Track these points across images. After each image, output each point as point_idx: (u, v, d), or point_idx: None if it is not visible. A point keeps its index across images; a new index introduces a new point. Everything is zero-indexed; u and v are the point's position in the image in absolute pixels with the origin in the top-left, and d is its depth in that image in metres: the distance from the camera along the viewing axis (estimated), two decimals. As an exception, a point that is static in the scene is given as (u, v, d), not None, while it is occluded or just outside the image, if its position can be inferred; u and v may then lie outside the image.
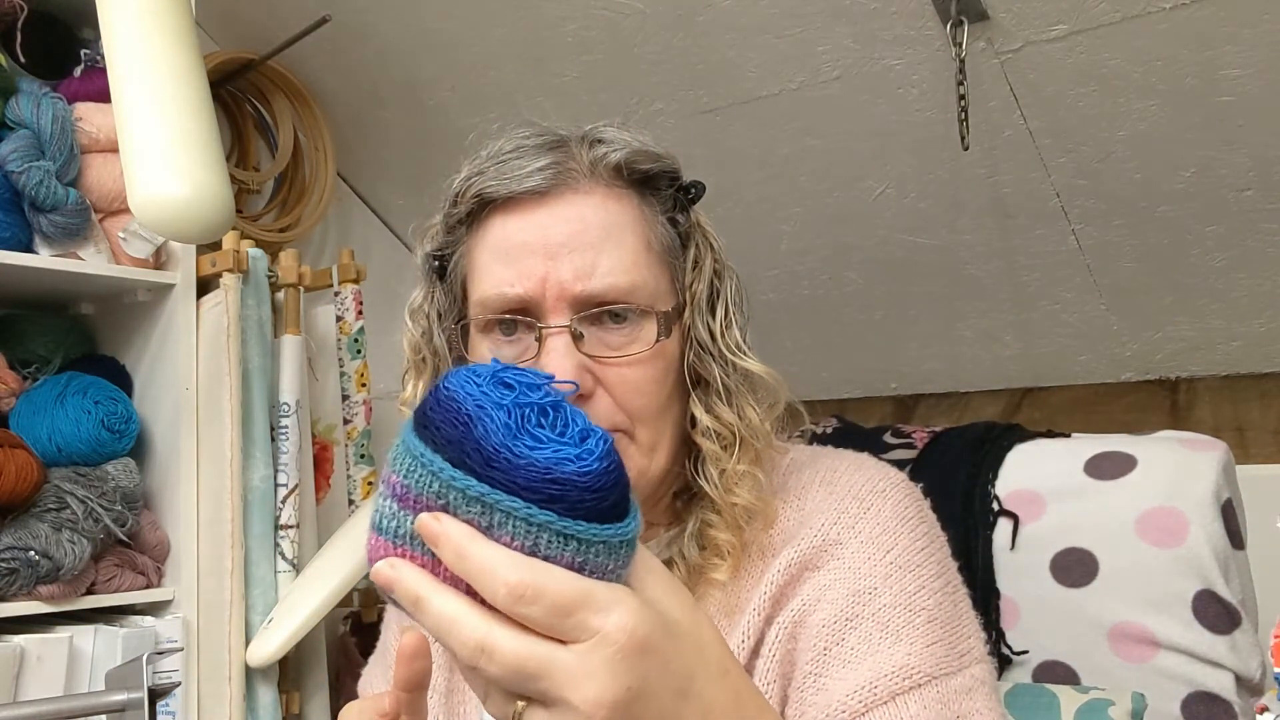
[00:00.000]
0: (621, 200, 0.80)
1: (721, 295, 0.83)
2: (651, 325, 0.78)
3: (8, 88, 1.53)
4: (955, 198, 1.60)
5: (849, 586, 0.77)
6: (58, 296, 1.70)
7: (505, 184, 0.78)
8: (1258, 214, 1.44)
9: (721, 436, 0.80)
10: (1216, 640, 1.06)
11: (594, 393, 0.78)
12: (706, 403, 0.81)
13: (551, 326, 0.76)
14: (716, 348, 0.81)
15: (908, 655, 0.74)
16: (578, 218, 0.77)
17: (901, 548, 0.79)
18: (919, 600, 0.77)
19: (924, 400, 1.94)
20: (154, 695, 1.05)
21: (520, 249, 0.77)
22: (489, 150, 0.83)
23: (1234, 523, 1.10)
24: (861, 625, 0.76)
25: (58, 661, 1.44)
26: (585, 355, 0.77)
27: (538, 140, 0.81)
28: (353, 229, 2.18)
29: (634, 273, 0.78)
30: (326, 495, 1.84)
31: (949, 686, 0.74)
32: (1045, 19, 1.33)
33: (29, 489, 1.43)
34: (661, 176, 0.82)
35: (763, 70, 1.56)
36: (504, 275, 0.78)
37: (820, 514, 0.82)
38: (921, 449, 1.29)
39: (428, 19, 1.75)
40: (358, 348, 1.85)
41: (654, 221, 0.81)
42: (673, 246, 0.82)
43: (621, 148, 0.80)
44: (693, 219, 0.84)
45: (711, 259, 0.83)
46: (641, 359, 0.78)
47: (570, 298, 0.76)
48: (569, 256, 0.76)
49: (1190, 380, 1.68)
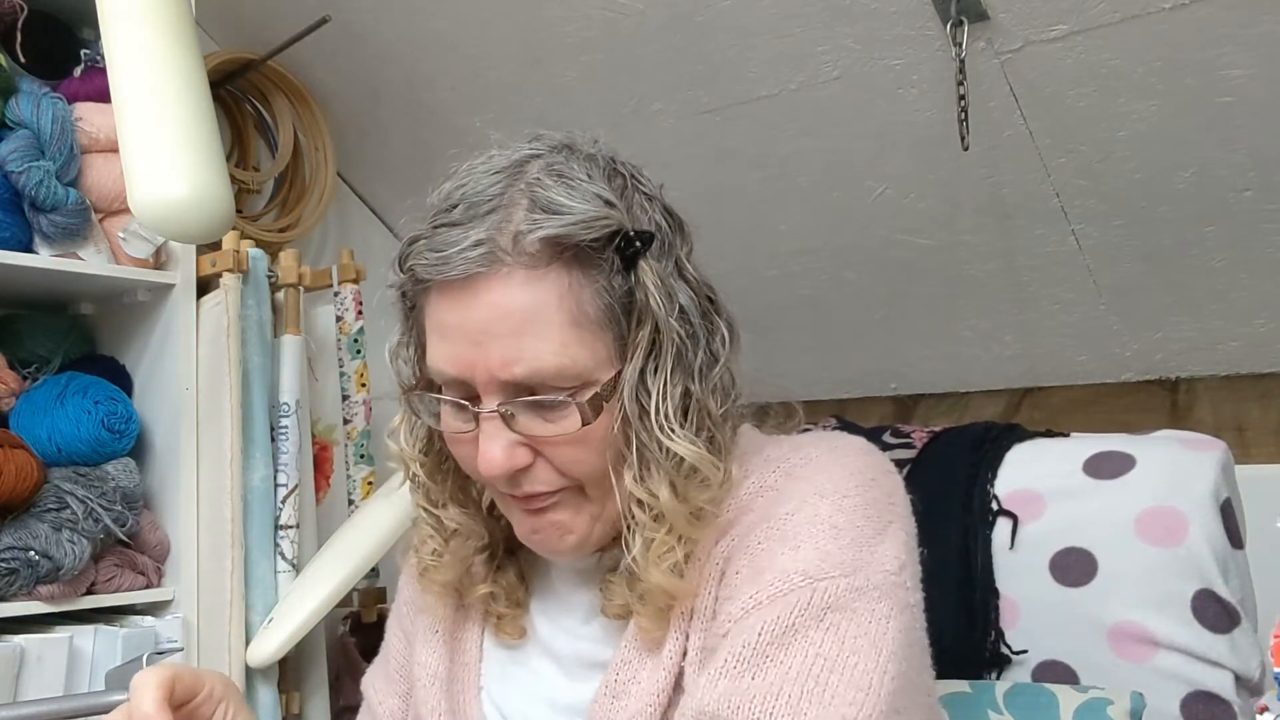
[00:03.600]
0: (545, 279, 0.75)
1: (661, 365, 0.78)
2: (575, 411, 0.76)
3: (8, 88, 1.53)
4: (955, 198, 1.60)
5: (772, 521, 0.79)
6: (58, 296, 1.70)
7: (429, 268, 0.76)
8: (1258, 214, 1.44)
9: (648, 508, 0.78)
10: (1216, 640, 1.05)
11: (534, 462, 0.79)
12: (634, 473, 0.78)
13: (483, 411, 0.77)
14: (645, 422, 0.78)
15: (796, 560, 0.76)
16: (499, 304, 0.75)
17: (835, 482, 0.80)
18: (832, 517, 0.78)
19: (924, 400, 1.94)
20: (154, 695, 1.05)
21: (453, 330, 0.77)
22: (449, 187, 0.80)
23: (1233, 522, 1.10)
24: (769, 543, 0.78)
25: (58, 661, 1.44)
26: (518, 433, 0.77)
27: (487, 193, 0.77)
28: (353, 229, 2.18)
29: (560, 355, 0.75)
30: (326, 495, 1.84)
31: (836, 587, 0.74)
32: (1045, 19, 1.33)
33: (29, 489, 1.43)
34: (598, 241, 0.76)
35: (763, 70, 1.56)
36: (442, 351, 0.78)
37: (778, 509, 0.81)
38: (921, 449, 1.29)
39: (428, 19, 1.75)
40: (358, 348, 1.85)
41: (585, 292, 0.76)
42: (610, 312, 0.77)
43: (548, 222, 0.75)
44: (636, 276, 0.77)
45: (651, 324, 0.77)
46: (573, 438, 0.77)
47: (498, 384, 0.76)
48: (493, 343, 0.75)
49: (1190, 380, 1.68)
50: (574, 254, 0.76)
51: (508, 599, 0.91)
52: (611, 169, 0.81)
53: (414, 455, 0.88)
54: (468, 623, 0.94)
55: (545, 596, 0.92)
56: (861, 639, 0.73)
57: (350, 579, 1.64)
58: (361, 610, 1.84)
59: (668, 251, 0.80)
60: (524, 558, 0.94)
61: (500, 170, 0.79)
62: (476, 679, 0.92)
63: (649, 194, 0.82)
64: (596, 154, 0.82)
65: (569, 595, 0.90)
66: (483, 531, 0.90)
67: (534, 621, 0.91)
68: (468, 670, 0.92)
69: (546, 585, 0.92)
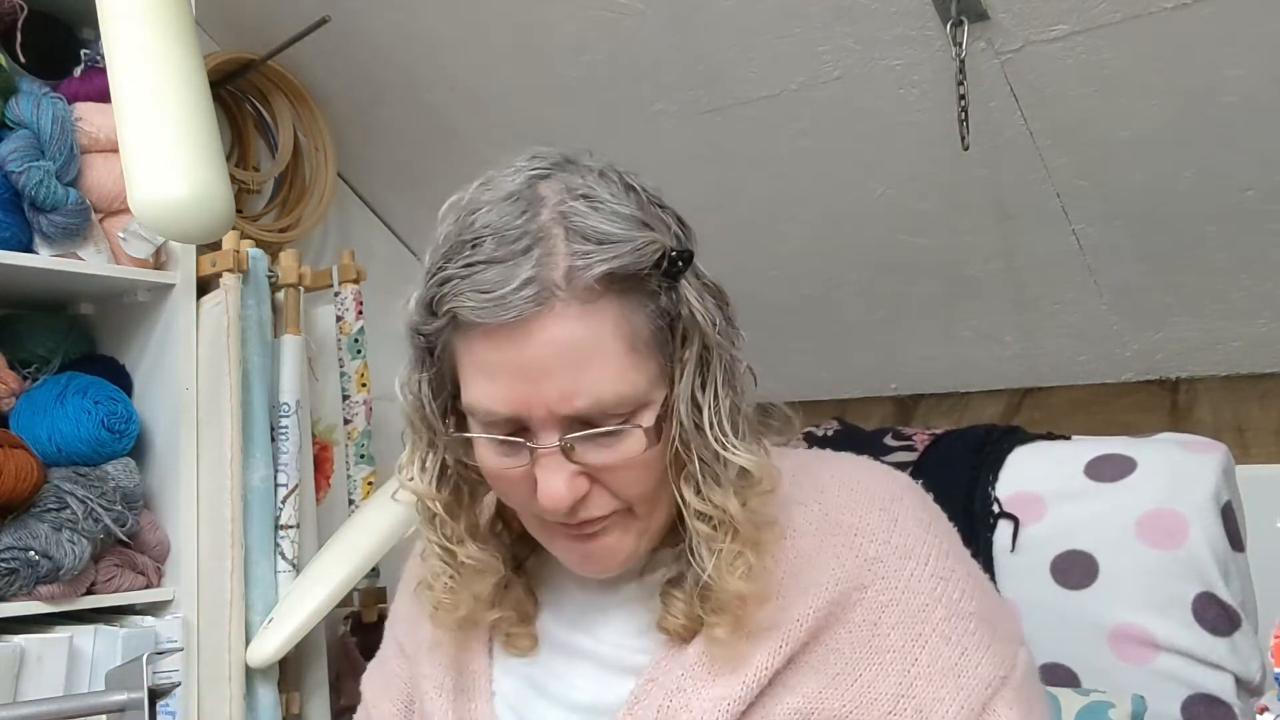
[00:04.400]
0: (601, 311, 0.74)
1: (710, 375, 0.78)
2: (640, 436, 0.76)
3: (8, 88, 1.53)
4: (955, 198, 1.60)
5: (904, 608, 0.82)
6: (58, 296, 1.70)
7: (478, 311, 0.72)
8: (1258, 214, 1.44)
9: (711, 519, 0.79)
10: (1216, 642, 1.06)
11: (590, 490, 0.78)
12: (695, 485, 0.79)
13: (542, 447, 0.76)
14: (702, 436, 0.78)
15: (978, 666, 0.81)
16: (556, 340, 0.73)
17: (935, 556, 0.85)
18: (965, 606, 0.83)
19: (924, 400, 1.94)
20: (154, 695, 1.05)
21: (501, 371, 0.75)
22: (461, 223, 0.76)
23: (1234, 525, 1.10)
24: (928, 643, 0.82)
25: (58, 661, 1.44)
26: (576, 464, 0.77)
27: (512, 226, 0.74)
28: (353, 229, 2.18)
29: (619, 383, 0.75)
30: (326, 495, 1.84)
31: (1016, 680, 0.83)
32: (1045, 19, 1.32)
33: (29, 489, 1.43)
34: (645, 267, 0.75)
35: (763, 70, 1.56)
36: (489, 391, 0.76)
37: (847, 520, 0.85)
38: (922, 451, 1.29)
39: (427, 19, 1.74)
40: (358, 348, 1.85)
41: (637, 317, 0.75)
42: (660, 334, 0.77)
43: (600, 254, 0.73)
44: (680, 294, 0.77)
45: (699, 338, 0.78)
46: (633, 463, 0.77)
47: (557, 418, 0.75)
48: (551, 380, 0.74)
49: (1190, 380, 1.68)
50: (625, 283, 0.75)
51: (517, 617, 0.90)
52: (624, 184, 0.79)
53: (432, 492, 0.85)
54: (475, 630, 0.93)
55: (558, 603, 0.92)
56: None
57: (350, 579, 1.64)
58: (362, 610, 1.84)
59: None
60: (532, 569, 0.93)
61: (511, 196, 0.76)
62: (488, 684, 0.91)
63: (660, 203, 0.81)
64: (603, 168, 0.80)
65: (587, 599, 0.90)
66: (498, 566, 0.88)
67: (546, 628, 0.91)
68: (477, 678, 0.92)
69: (560, 589, 0.92)
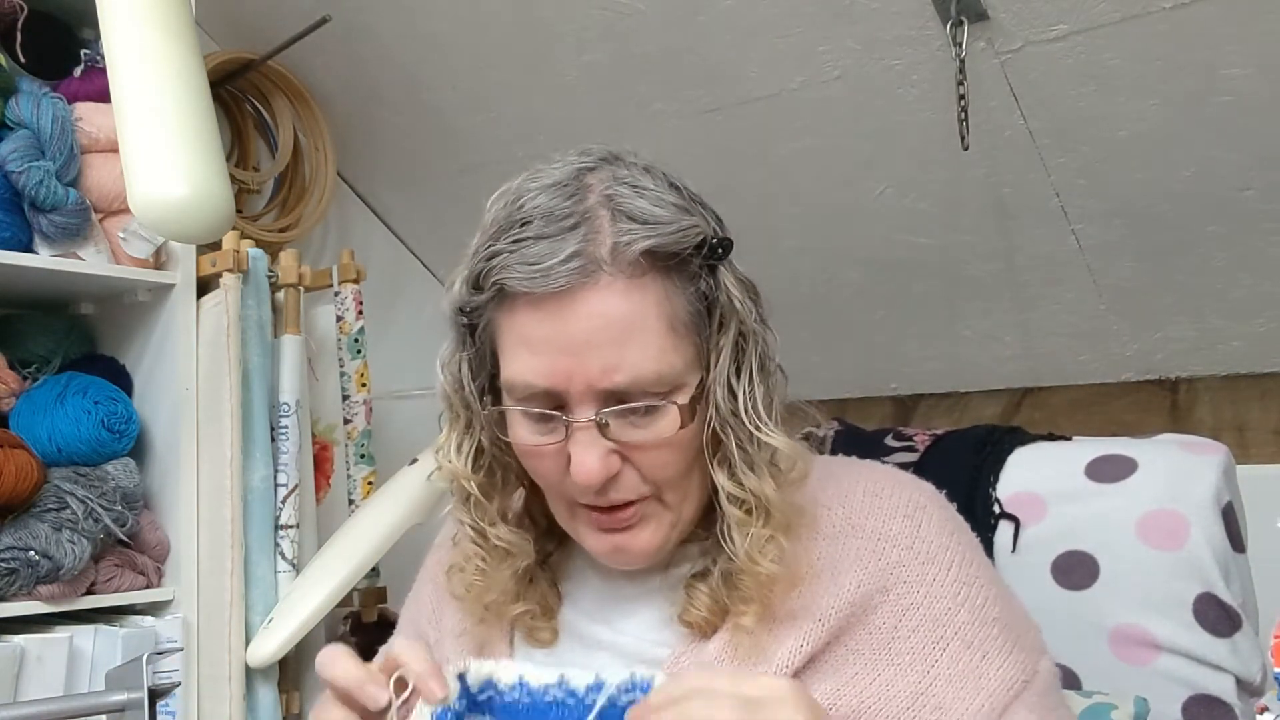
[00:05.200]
0: (645, 288, 0.76)
1: (746, 361, 0.80)
2: (676, 414, 0.78)
3: (8, 88, 1.53)
4: (955, 198, 1.60)
5: (925, 612, 0.83)
6: (58, 296, 1.70)
7: (526, 281, 0.75)
8: (1258, 214, 1.44)
9: (744, 503, 0.80)
10: (1217, 643, 1.05)
11: (621, 470, 0.79)
12: (729, 469, 0.80)
13: (578, 421, 0.77)
14: (737, 420, 0.79)
15: (1000, 669, 0.81)
16: (601, 314, 0.75)
17: (958, 563, 0.85)
18: (988, 612, 0.84)
19: (924, 400, 1.94)
20: (154, 695, 1.05)
21: (544, 343, 0.76)
22: (510, 206, 0.78)
23: (1235, 526, 1.10)
24: (949, 647, 0.82)
25: (58, 661, 1.44)
26: (610, 440, 0.78)
27: (559, 208, 0.76)
28: (353, 229, 2.18)
29: (659, 360, 0.77)
30: (326, 495, 1.84)
31: (1038, 685, 0.83)
32: (1045, 19, 1.32)
33: (29, 489, 1.43)
34: (689, 249, 0.78)
35: (763, 70, 1.56)
36: (530, 364, 0.78)
37: (871, 525, 0.86)
38: (923, 452, 1.29)
39: (427, 19, 1.74)
40: (358, 348, 1.85)
41: (678, 298, 0.78)
42: (699, 317, 0.79)
43: (644, 232, 0.76)
44: (719, 280, 0.80)
45: (737, 323, 0.80)
46: (666, 442, 0.79)
47: (596, 392, 0.76)
48: (593, 353, 0.75)
49: (1190, 380, 1.68)
50: (668, 263, 0.77)
51: (540, 611, 0.91)
52: (668, 180, 0.82)
53: (468, 473, 0.86)
54: (498, 624, 0.93)
55: (581, 594, 0.92)
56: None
57: (350, 579, 1.64)
58: (361, 610, 1.84)
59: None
60: (555, 564, 0.94)
61: (558, 184, 0.79)
62: None
63: (701, 201, 0.84)
64: (648, 165, 0.83)
65: (609, 591, 0.90)
66: (530, 550, 0.89)
67: (568, 619, 0.91)
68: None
69: (582, 581, 0.92)
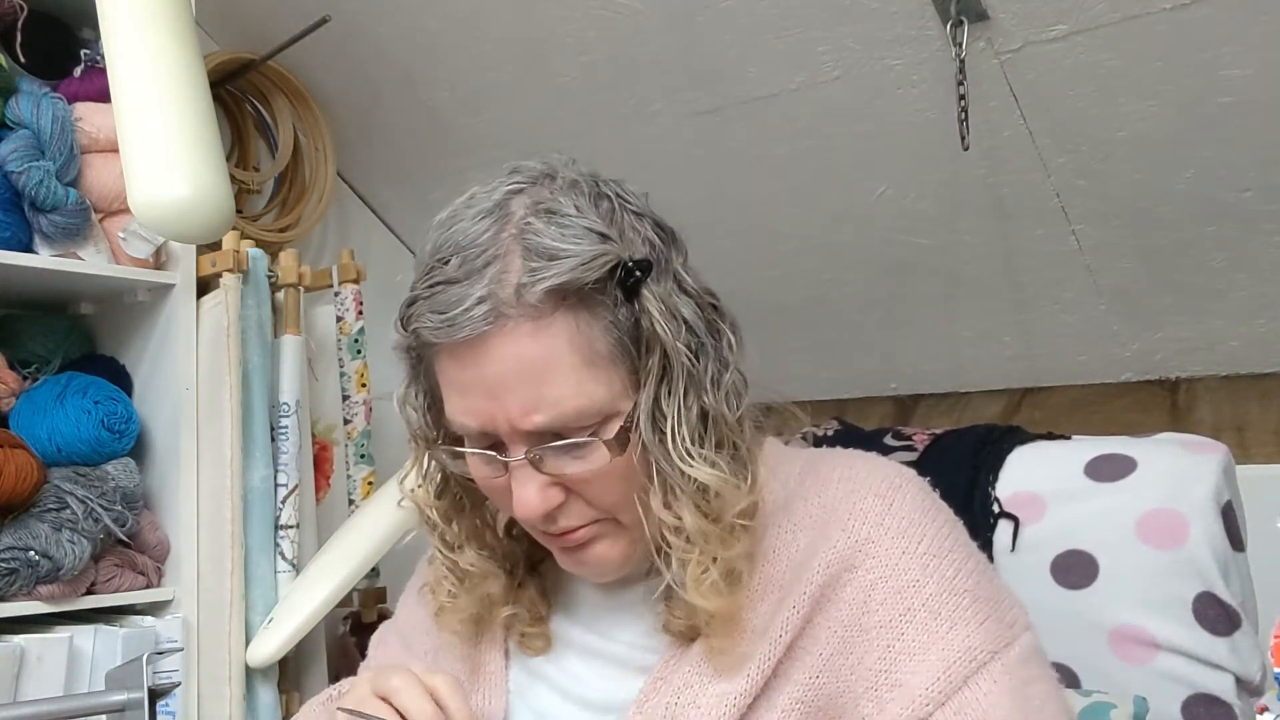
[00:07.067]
0: (553, 326, 0.75)
1: (673, 390, 0.78)
2: (602, 449, 0.78)
3: (8, 88, 1.53)
4: (955, 198, 1.60)
5: (893, 584, 0.81)
6: (58, 296, 1.70)
7: (435, 331, 0.76)
8: (1257, 214, 1.44)
9: (680, 531, 0.79)
10: (1217, 642, 1.05)
11: (566, 500, 0.80)
12: (662, 498, 0.79)
13: (512, 459, 0.78)
14: (663, 449, 0.78)
15: (967, 638, 0.79)
16: (512, 356, 0.75)
17: (930, 537, 0.83)
18: (960, 583, 0.82)
19: (924, 400, 1.94)
20: (154, 695, 1.05)
21: (467, 387, 0.78)
22: (438, 238, 0.79)
23: (1234, 525, 1.10)
24: (916, 617, 0.80)
25: (58, 661, 1.44)
26: (548, 474, 0.78)
27: (478, 241, 0.76)
28: (353, 229, 2.18)
29: (578, 397, 0.76)
30: (326, 495, 1.84)
31: (1010, 658, 0.80)
32: (1045, 19, 1.32)
33: (29, 489, 1.43)
34: (599, 280, 0.76)
35: (763, 70, 1.56)
36: (460, 406, 0.79)
37: (843, 506, 0.85)
38: (922, 451, 1.29)
39: (428, 19, 1.74)
40: (358, 348, 1.85)
41: (593, 330, 0.76)
42: (620, 345, 0.77)
43: (548, 270, 0.74)
44: (642, 304, 0.77)
45: (660, 351, 0.77)
46: (602, 473, 0.78)
47: (521, 433, 0.77)
48: (511, 395, 0.76)
49: (1190, 380, 1.68)
50: (577, 297, 0.76)
51: (530, 616, 0.91)
52: (596, 193, 0.80)
53: (429, 500, 0.89)
54: (490, 630, 0.94)
55: (573, 603, 0.93)
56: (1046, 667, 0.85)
57: (350, 579, 1.64)
58: (361, 610, 1.84)
59: (665, 269, 0.80)
60: (546, 571, 0.94)
61: (485, 213, 0.78)
62: (504, 681, 0.92)
63: (638, 211, 0.82)
64: (579, 179, 0.81)
65: (599, 601, 0.91)
66: (499, 572, 0.90)
67: (561, 629, 0.92)
68: (494, 677, 0.92)
69: (574, 592, 0.93)
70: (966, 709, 0.77)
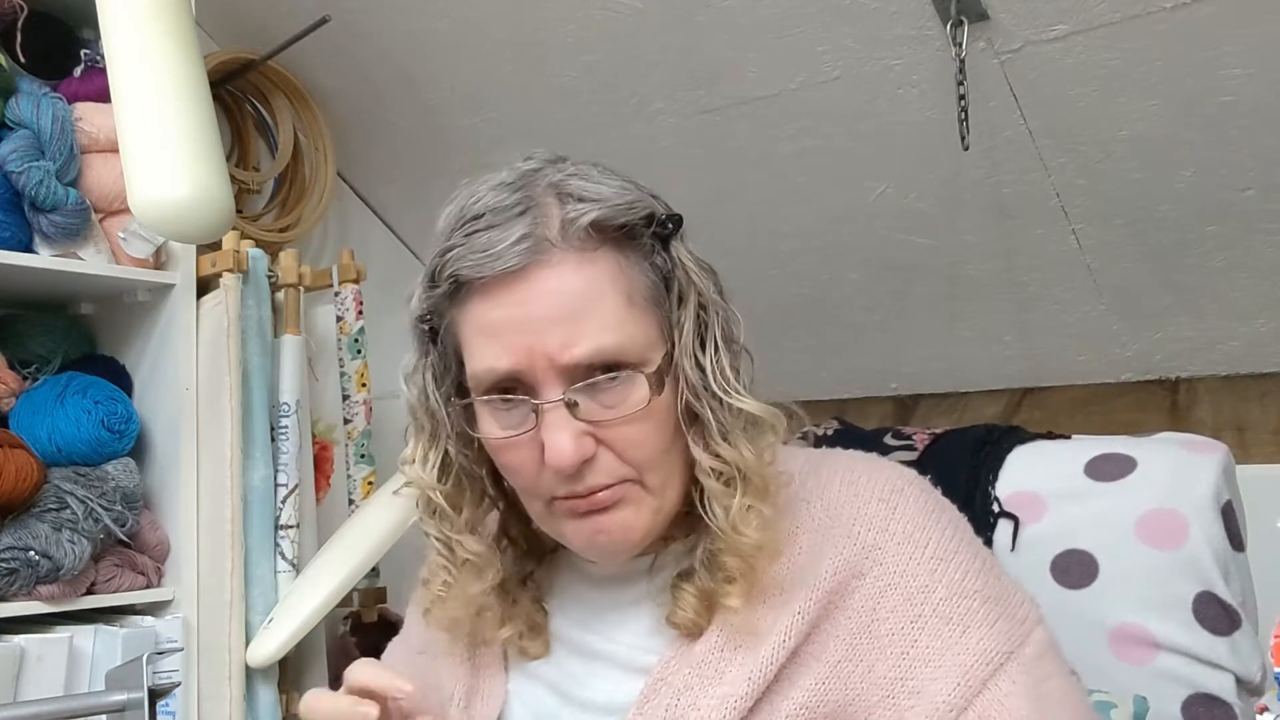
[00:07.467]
0: (597, 262, 0.77)
1: (709, 332, 0.81)
2: (643, 383, 0.78)
3: (8, 88, 1.53)
4: (955, 198, 1.60)
5: (902, 591, 0.82)
6: (58, 296, 1.70)
7: (478, 266, 0.76)
8: (1258, 214, 1.44)
9: (722, 474, 0.80)
10: (1216, 642, 1.05)
11: (596, 453, 0.79)
12: (704, 441, 0.80)
13: (546, 401, 0.77)
14: (708, 388, 0.79)
15: (980, 641, 0.79)
16: (555, 290, 0.76)
17: (935, 541, 0.83)
18: (968, 585, 0.82)
19: (924, 400, 1.94)
20: (154, 695, 1.05)
21: (502, 325, 0.77)
22: (460, 208, 0.80)
23: (1234, 525, 1.10)
24: (927, 624, 0.80)
25: (58, 661, 1.44)
26: (582, 421, 0.77)
27: (507, 201, 0.78)
28: (353, 229, 2.18)
29: (619, 332, 0.77)
30: (326, 495, 1.84)
31: (1025, 657, 0.80)
32: (1045, 19, 1.32)
33: (29, 489, 1.43)
34: (636, 223, 0.79)
35: (763, 70, 1.56)
36: (491, 350, 0.78)
37: (847, 511, 0.85)
38: (922, 451, 1.29)
39: (428, 19, 1.74)
40: (358, 348, 1.85)
41: (633, 271, 0.79)
42: (656, 291, 0.80)
43: (591, 206, 0.77)
44: (673, 255, 0.81)
45: (695, 295, 0.80)
46: (638, 416, 0.78)
47: (559, 368, 0.76)
48: (551, 329, 0.76)
49: (1190, 380, 1.68)
50: (620, 236, 0.78)
51: (528, 629, 0.91)
52: (613, 173, 0.83)
53: (432, 483, 0.86)
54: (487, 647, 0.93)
55: (570, 606, 0.92)
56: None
57: (350, 579, 1.64)
58: (361, 610, 1.84)
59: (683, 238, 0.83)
60: (539, 580, 0.94)
61: (508, 184, 0.80)
62: (503, 685, 0.92)
63: (651, 192, 0.85)
64: (594, 163, 0.83)
65: (598, 600, 0.90)
66: (497, 564, 0.89)
67: (559, 630, 0.92)
68: (493, 680, 0.92)
69: (572, 592, 0.92)
70: (988, 714, 0.77)
